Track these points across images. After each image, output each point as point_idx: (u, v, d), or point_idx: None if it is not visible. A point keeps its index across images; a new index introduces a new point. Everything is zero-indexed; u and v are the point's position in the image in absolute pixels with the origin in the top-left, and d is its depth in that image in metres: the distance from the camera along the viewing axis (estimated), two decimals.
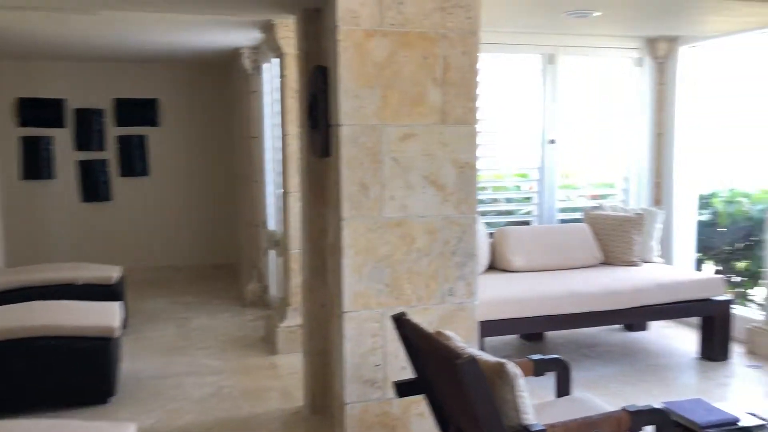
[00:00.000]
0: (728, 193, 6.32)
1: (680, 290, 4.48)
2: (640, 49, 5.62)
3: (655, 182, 5.76)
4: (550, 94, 5.42)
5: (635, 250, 4.95)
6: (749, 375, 4.35)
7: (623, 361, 4.63)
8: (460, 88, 3.00)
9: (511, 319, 4.09)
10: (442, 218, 3.05)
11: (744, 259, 6.13)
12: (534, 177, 5.55)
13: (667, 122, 5.66)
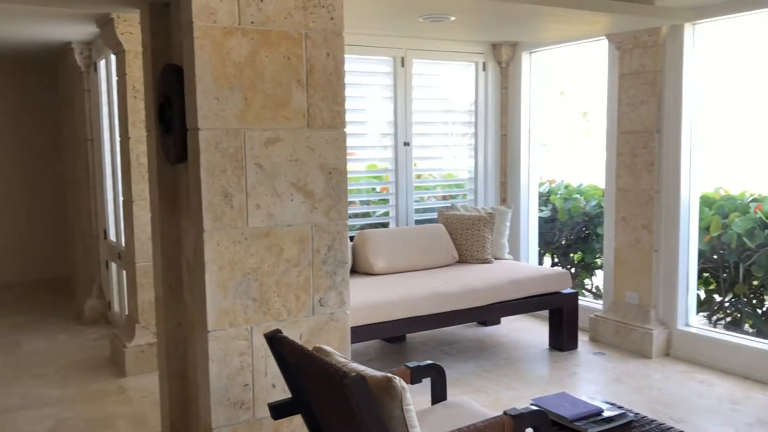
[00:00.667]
0: (564, 191, 6.76)
1: (532, 285, 4.68)
2: (485, 54, 5.83)
3: (501, 182, 6.00)
4: (402, 97, 5.45)
5: (488, 249, 5.11)
6: (595, 362, 4.64)
7: (481, 356, 4.76)
8: (326, 91, 2.89)
9: (377, 324, 4.04)
10: (312, 226, 2.92)
11: (579, 251, 6.58)
12: (389, 179, 5.57)
13: (510, 124, 5.92)
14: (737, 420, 3.64)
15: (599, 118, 5.49)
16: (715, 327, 5.44)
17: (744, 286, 5.23)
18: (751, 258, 5.01)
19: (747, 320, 5.32)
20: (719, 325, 5.49)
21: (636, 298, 4.87)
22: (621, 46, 4.82)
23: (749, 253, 5.04)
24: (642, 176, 4.76)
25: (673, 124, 4.62)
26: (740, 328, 5.31)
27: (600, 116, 5.40)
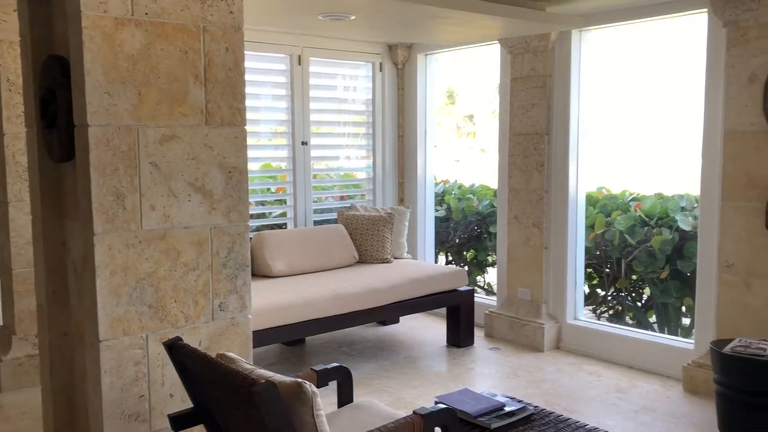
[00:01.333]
0: (458, 191, 6.91)
1: (431, 284, 4.74)
2: (382, 55, 5.85)
3: (399, 182, 6.05)
4: (299, 96, 5.38)
5: (388, 248, 5.14)
6: (491, 357, 4.76)
7: (382, 355, 4.77)
8: (225, 87, 2.78)
9: (277, 327, 3.96)
10: (211, 228, 2.80)
11: (472, 249, 6.76)
12: (286, 179, 5.48)
13: (407, 125, 5.98)
14: (624, 408, 3.85)
15: (487, 121, 5.64)
16: (600, 320, 5.75)
17: (625, 281, 5.55)
18: (632, 254, 5.32)
19: (628, 312, 5.65)
20: (603, 317, 5.80)
21: (528, 294, 5.04)
22: (513, 51, 4.98)
23: (630, 249, 5.35)
24: (533, 177, 4.94)
25: (562, 126, 4.83)
26: (622, 321, 5.63)
27: (487, 119, 5.55)
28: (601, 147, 5.63)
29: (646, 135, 5.79)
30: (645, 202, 5.41)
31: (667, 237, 5.09)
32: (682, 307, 5.25)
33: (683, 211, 5.19)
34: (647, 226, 5.29)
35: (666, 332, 5.34)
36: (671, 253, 5.09)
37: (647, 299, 5.55)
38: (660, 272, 5.21)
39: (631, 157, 6.17)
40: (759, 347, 3.38)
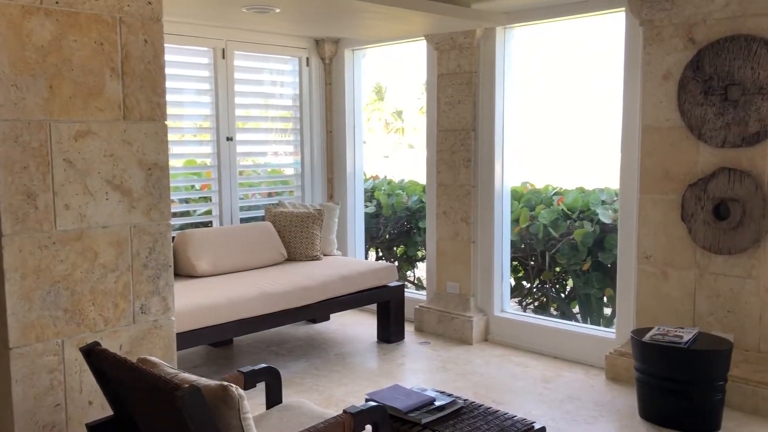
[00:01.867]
0: (387, 187, 6.92)
1: (361, 280, 4.72)
2: (309, 50, 5.78)
3: (328, 178, 6.00)
4: (224, 90, 5.25)
5: (317, 245, 5.09)
6: (421, 351, 4.78)
7: (312, 354, 4.72)
8: (144, 81, 2.67)
9: (202, 329, 3.85)
10: (131, 227, 2.69)
11: (402, 245, 6.79)
12: (211, 175, 5.34)
13: (335, 120, 5.93)
14: (550, 398, 3.94)
15: (415, 118, 5.66)
16: (525, 311, 5.88)
17: (549, 273, 5.69)
18: (555, 247, 5.45)
19: (552, 303, 5.80)
20: (529, 309, 5.93)
21: (457, 288, 5.09)
22: (439, 47, 5.01)
23: (554, 242, 5.48)
24: (460, 172, 4.99)
25: (488, 122, 4.89)
26: (547, 312, 5.78)
27: (415, 115, 5.57)
28: (526, 143, 5.75)
29: (568, 131, 5.96)
30: (567, 196, 5.55)
31: (589, 230, 5.24)
32: (604, 297, 5.42)
33: (603, 205, 5.35)
34: (570, 220, 5.43)
35: (588, 322, 5.51)
36: (593, 245, 5.24)
37: (570, 290, 5.71)
38: (582, 264, 5.36)
39: (553, 152, 6.33)
40: (676, 335, 3.52)
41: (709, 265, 3.83)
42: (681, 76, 3.82)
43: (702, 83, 3.74)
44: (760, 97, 3.55)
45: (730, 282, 3.76)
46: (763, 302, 3.65)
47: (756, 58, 3.54)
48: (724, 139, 3.69)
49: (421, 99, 60.93)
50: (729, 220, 3.67)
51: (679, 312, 3.95)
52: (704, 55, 3.72)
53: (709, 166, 3.78)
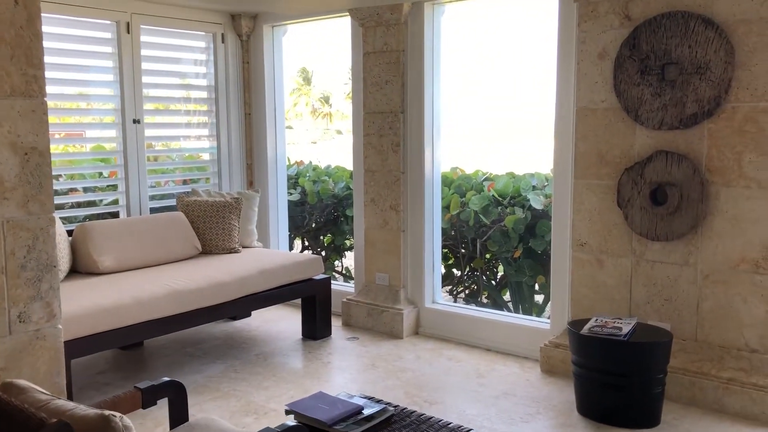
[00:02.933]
0: (313, 173, 6.59)
1: (284, 274, 4.39)
2: (224, 25, 5.36)
3: (247, 164, 5.62)
4: (129, 68, 4.78)
5: (235, 237, 4.71)
6: (349, 348, 4.51)
7: (231, 354, 4.37)
8: (15, 49, 2.26)
9: (105, 333, 3.44)
10: (3, 222, 2.28)
11: (329, 234, 6.48)
12: (117, 161, 4.88)
13: (254, 102, 5.54)
14: (485, 395, 3.73)
15: (342, 103, 5.35)
16: (456, 300, 5.69)
17: (481, 261, 5.50)
18: (486, 234, 5.26)
19: (483, 292, 5.62)
20: (459, 299, 5.75)
21: (386, 279, 4.83)
22: (365, 24, 4.70)
23: (485, 229, 5.30)
24: (389, 157, 4.72)
25: (417, 104, 4.63)
26: (477, 300, 5.60)
27: (342, 100, 5.26)
28: (455, 126, 5.53)
29: (499, 113, 5.76)
30: (498, 182, 5.37)
31: (520, 216, 5.07)
32: (536, 285, 5.28)
33: (535, 190, 5.20)
34: (501, 206, 5.25)
35: (520, 310, 5.37)
36: (524, 232, 5.08)
37: (501, 278, 5.55)
38: (514, 251, 5.20)
39: (483, 136, 6.14)
40: (615, 326, 3.37)
41: (645, 252, 3.70)
42: (617, 54, 3.66)
43: (638, 62, 3.58)
44: (697, 76, 3.41)
45: (666, 269, 3.63)
46: (701, 290, 3.54)
47: (693, 35, 3.40)
48: (661, 120, 3.55)
49: (348, 84, 60.15)
50: (666, 206, 3.54)
51: (615, 301, 3.81)
52: (640, 33, 3.56)
53: (646, 150, 3.63)
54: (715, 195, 3.44)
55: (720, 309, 3.50)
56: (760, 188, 3.32)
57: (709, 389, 3.48)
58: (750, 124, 3.32)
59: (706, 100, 3.39)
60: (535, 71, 4.82)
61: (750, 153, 3.34)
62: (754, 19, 3.27)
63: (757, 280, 3.37)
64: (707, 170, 3.46)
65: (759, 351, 3.41)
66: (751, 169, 3.34)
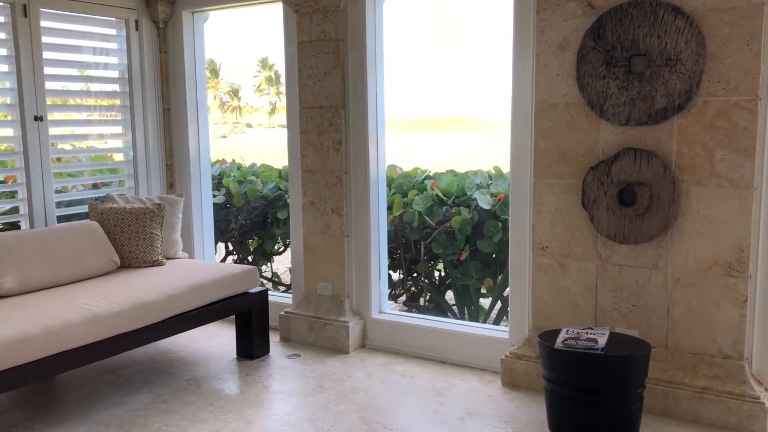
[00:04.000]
0: (238, 172, 6.10)
1: (217, 289, 3.93)
2: (138, 11, 4.80)
3: (167, 164, 5.08)
4: (28, 58, 4.17)
5: (158, 248, 4.20)
6: (291, 368, 4.10)
7: (158, 381, 3.87)
8: None
9: (7, 372, 2.90)
10: None
11: (258, 238, 6.02)
12: (16, 164, 4.26)
13: (174, 96, 5.01)
14: (448, 416, 3.42)
15: (250, 91, 4.90)
16: (397, 302, 5.38)
17: (425, 264, 5.20)
18: (431, 235, 4.97)
19: (425, 294, 5.33)
20: (401, 302, 5.43)
21: (329, 289, 4.45)
22: (299, 10, 4.28)
23: (429, 230, 5.00)
24: (329, 156, 4.32)
25: (359, 98, 4.26)
26: (417, 304, 5.31)
27: (250, 88, 4.81)
28: (394, 121, 5.20)
29: (444, 108, 5.47)
30: (441, 180, 5.08)
31: (466, 217, 4.80)
32: (482, 288, 5.04)
33: (480, 189, 4.94)
34: (445, 206, 4.96)
35: (466, 315, 5.12)
36: (471, 233, 4.82)
37: (447, 281, 5.28)
38: (460, 253, 4.93)
39: (423, 132, 5.85)
40: (589, 338, 3.13)
41: (611, 256, 3.48)
42: (580, 45, 3.41)
43: (603, 53, 3.35)
44: (667, 69, 3.21)
45: (634, 273, 3.43)
46: (671, 294, 3.36)
47: (662, 25, 3.19)
48: (628, 116, 3.33)
49: (259, 75, 58.07)
50: (635, 206, 3.33)
51: (580, 307, 3.59)
52: (605, 22, 3.33)
53: (612, 147, 3.41)
54: (686, 194, 3.26)
55: (691, 314, 3.33)
56: (733, 187, 3.16)
57: (683, 399, 3.30)
58: (722, 120, 3.15)
59: (677, 93, 3.20)
60: (488, 62, 4.63)
61: (722, 150, 3.17)
62: (725, 8, 3.09)
63: (730, 283, 3.22)
64: (677, 168, 3.27)
65: (733, 357, 3.26)
66: (723, 167, 3.17)
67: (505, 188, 4.86)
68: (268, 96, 69.66)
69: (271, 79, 69.85)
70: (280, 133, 55.50)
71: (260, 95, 70.26)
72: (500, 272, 4.91)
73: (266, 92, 70.02)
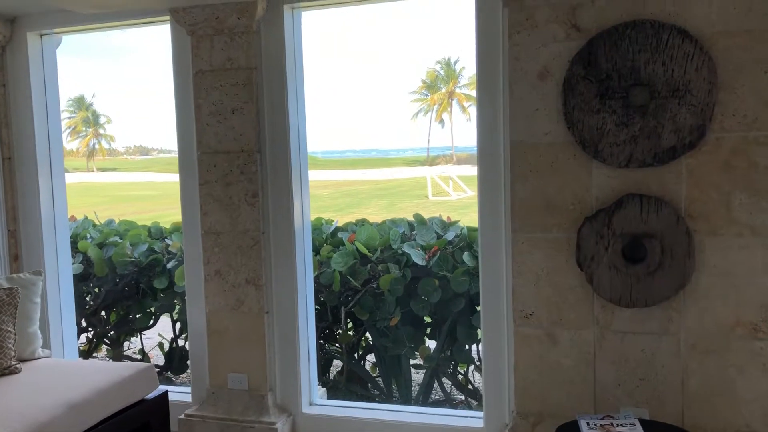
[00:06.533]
0: (97, 234, 4.93)
1: (101, 403, 2.85)
2: None
3: (10, 230, 3.87)
4: None
5: (11, 348, 3.03)
6: None
7: None
8: None
9: None
10: None
11: (121, 309, 4.88)
12: None
13: (17, 141, 3.84)
14: None
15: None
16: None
17: (349, 335, 4.39)
18: (354, 299, 4.20)
19: (347, 369, 4.52)
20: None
21: (245, 381, 3.50)
22: (196, 31, 3.39)
23: (350, 293, 4.23)
24: (242, 213, 3.42)
25: (279, 139, 3.43)
26: (325, 377, 4.48)
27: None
28: None
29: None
30: (360, 233, 4.34)
31: (397, 275, 4.09)
32: (417, 357, 4.33)
33: (407, 242, 4.26)
34: (370, 263, 4.22)
35: (394, 388, 4.38)
36: (402, 294, 4.11)
37: (371, 352, 4.51)
38: (390, 318, 4.20)
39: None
40: (619, 431, 2.51)
41: (612, 322, 2.93)
42: (567, 74, 2.86)
43: (597, 83, 2.83)
44: (675, 100, 2.74)
45: (641, 341, 2.90)
46: (686, 364, 2.85)
47: (668, 50, 2.73)
48: (629, 156, 2.82)
49: (68, 111, 55.39)
50: (645, 263, 2.80)
51: (575, 385, 2.99)
52: (597, 47, 2.81)
53: (608, 192, 2.88)
54: (699, 246, 2.79)
55: (711, 385, 2.84)
56: (755, 235, 2.73)
57: None
58: (739, 158, 2.73)
59: (688, 129, 2.74)
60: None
61: (740, 193, 2.74)
62: (737, 31, 2.69)
63: (756, 347, 2.77)
64: (688, 216, 2.79)
65: None
66: (742, 213, 2.74)
67: (431, 239, 4.24)
68: (86, 137, 64.85)
69: (88, 120, 65.18)
70: (104, 176, 51.87)
71: (75, 138, 65.16)
72: (438, 338, 4.24)
73: (83, 134, 65.15)
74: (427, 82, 58.48)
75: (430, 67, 62.18)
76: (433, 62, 54.84)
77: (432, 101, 57.83)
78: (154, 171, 49.50)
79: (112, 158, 70.98)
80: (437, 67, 58.11)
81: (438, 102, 57.33)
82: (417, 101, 59.25)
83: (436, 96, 57.43)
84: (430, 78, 58.29)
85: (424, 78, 58.61)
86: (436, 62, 59.67)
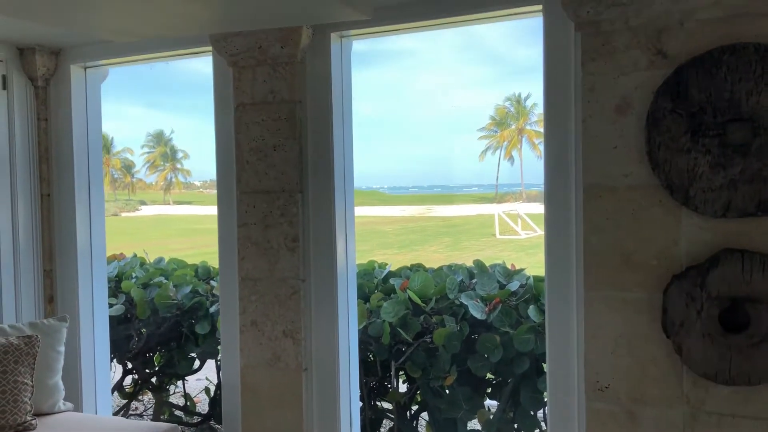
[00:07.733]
0: (142, 273, 4.75)
1: None
2: (7, 63, 3.52)
3: (45, 271, 3.69)
4: None
5: (26, 403, 2.80)
6: None
7: None
8: None
9: None
10: None
11: (166, 352, 4.65)
12: None
13: (58, 177, 3.69)
14: None
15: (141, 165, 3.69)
16: None
17: (397, 393, 4.01)
18: (405, 354, 3.82)
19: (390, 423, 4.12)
20: None
21: None
22: (237, 61, 3.15)
23: (402, 347, 3.85)
24: (281, 258, 3.12)
25: (322, 179, 3.13)
26: None
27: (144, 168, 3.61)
28: None
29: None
30: (413, 280, 3.97)
31: (453, 329, 3.70)
32: (474, 420, 3.89)
33: (464, 292, 3.87)
34: (423, 314, 3.84)
35: None
36: (459, 350, 3.70)
37: (424, 409, 4.10)
38: (445, 377, 3.79)
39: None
40: None
41: (706, 400, 2.45)
42: (651, 107, 2.46)
43: (687, 118, 2.41)
44: None
45: (743, 426, 2.41)
46: None
47: None
48: (727, 204, 2.37)
49: (151, 150, 57.88)
50: (749, 332, 2.33)
51: None
52: (688, 76, 2.40)
53: (701, 247, 2.43)
54: None
55: None
56: None
57: None
58: None
59: None
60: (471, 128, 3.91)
61: None
62: None
63: None
64: None
65: None
66: None
67: (493, 289, 3.83)
68: (163, 171, 67.37)
69: (167, 155, 67.77)
70: (179, 210, 53.22)
71: (153, 172, 67.74)
72: (500, 400, 3.80)
73: (161, 168, 67.72)
74: (496, 119, 58.13)
75: (499, 104, 61.88)
76: (502, 99, 54.55)
77: (501, 138, 57.34)
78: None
79: (189, 191, 73.38)
80: (507, 104, 57.74)
81: (507, 139, 56.81)
82: (485, 137, 58.88)
83: (506, 133, 56.94)
84: (500, 115, 57.93)
85: (493, 114, 58.31)
86: (506, 99, 59.30)
